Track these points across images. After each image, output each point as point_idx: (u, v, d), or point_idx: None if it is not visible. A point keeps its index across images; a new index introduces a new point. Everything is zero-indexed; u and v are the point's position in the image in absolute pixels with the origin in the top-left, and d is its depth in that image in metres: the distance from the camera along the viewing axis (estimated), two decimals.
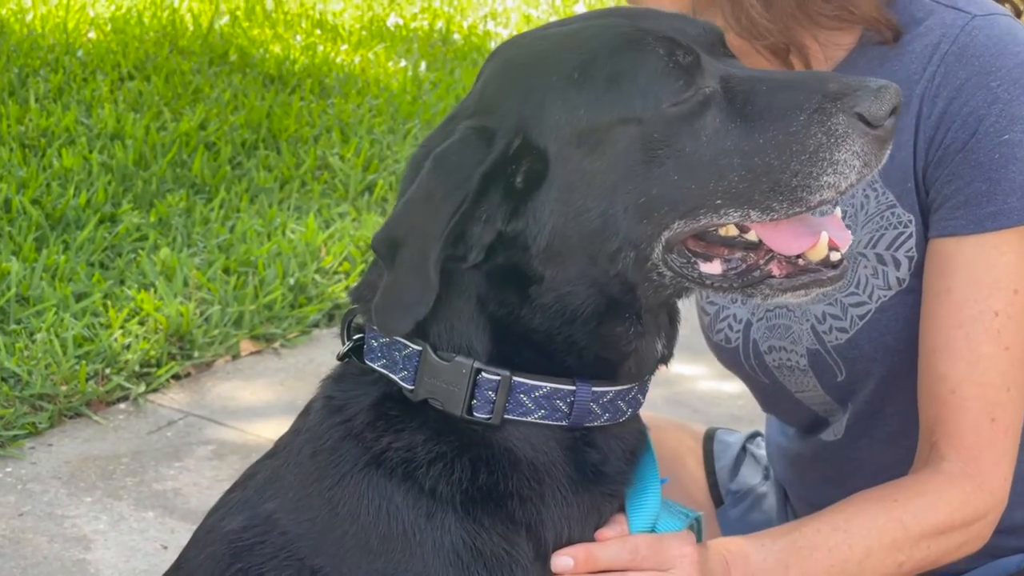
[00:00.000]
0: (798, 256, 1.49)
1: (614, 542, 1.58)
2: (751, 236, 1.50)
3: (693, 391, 4.42)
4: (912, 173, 1.91)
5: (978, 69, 1.85)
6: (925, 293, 1.89)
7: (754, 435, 2.55)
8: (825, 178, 1.43)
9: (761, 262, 1.50)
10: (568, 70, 1.47)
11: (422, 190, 1.45)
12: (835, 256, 1.50)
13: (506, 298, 1.50)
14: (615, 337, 1.52)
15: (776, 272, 1.49)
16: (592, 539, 1.57)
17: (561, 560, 1.54)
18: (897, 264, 1.94)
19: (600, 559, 1.56)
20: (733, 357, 2.18)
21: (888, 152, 1.45)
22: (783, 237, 1.49)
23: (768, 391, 2.20)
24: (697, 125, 1.45)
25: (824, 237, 1.48)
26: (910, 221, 1.92)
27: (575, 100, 1.46)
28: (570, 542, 1.55)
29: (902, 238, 1.93)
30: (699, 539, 1.70)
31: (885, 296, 1.96)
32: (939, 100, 1.87)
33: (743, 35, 1.89)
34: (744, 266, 1.50)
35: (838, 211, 1.57)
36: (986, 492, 1.86)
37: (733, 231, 1.50)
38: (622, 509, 1.62)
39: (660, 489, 1.65)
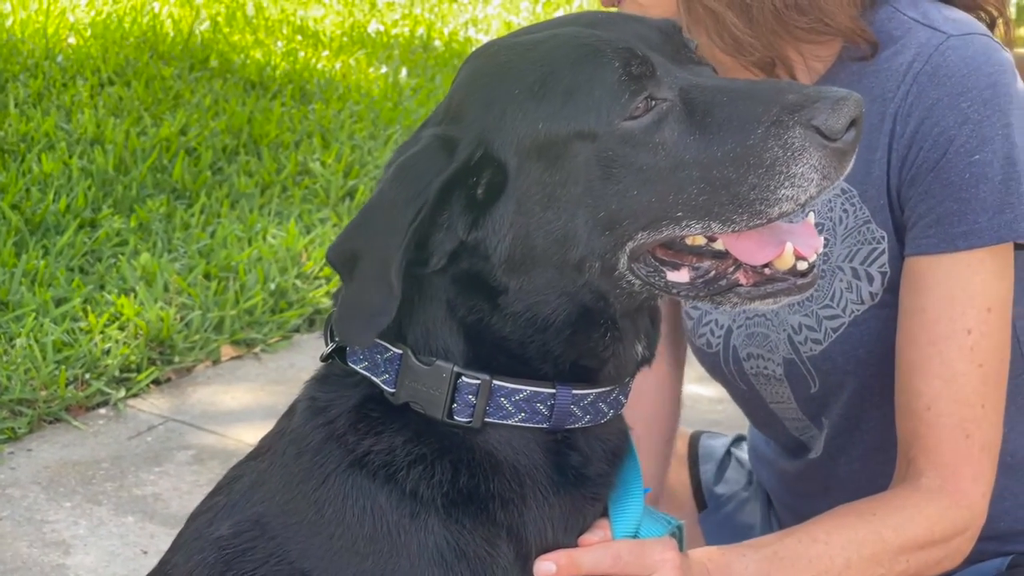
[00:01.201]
0: (765, 265, 1.49)
1: (596, 547, 1.58)
2: (718, 245, 1.50)
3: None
4: (886, 190, 1.92)
5: (949, 90, 1.86)
6: (901, 311, 1.90)
7: (739, 439, 2.56)
8: (783, 191, 1.41)
9: (728, 271, 1.50)
10: (529, 83, 1.47)
11: (383, 198, 1.45)
12: (802, 265, 1.49)
13: (475, 305, 1.50)
14: (591, 344, 1.52)
15: (743, 281, 1.49)
16: (575, 542, 1.58)
17: (543, 566, 1.54)
18: (871, 279, 1.96)
19: (582, 564, 1.56)
20: (714, 362, 2.20)
21: (850, 164, 1.45)
22: (748, 247, 1.48)
23: (745, 399, 2.22)
24: (653, 139, 1.44)
25: (789, 247, 1.48)
26: (883, 237, 1.93)
27: (534, 113, 1.46)
28: (552, 544, 1.55)
29: (875, 254, 1.95)
30: (680, 547, 1.70)
31: (858, 310, 1.98)
32: (911, 119, 1.88)
33: (729, 52, 1.90)
34: (712, 274, 1.50)
35: (811, 217, 1.56)
36: (964, 508, 1.87)
37: (701, 240, 1.50)
38: (605, 513, 1.62)
39: (643, 494, 1.65)
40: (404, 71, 7.87)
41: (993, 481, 1.91)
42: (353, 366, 1.56)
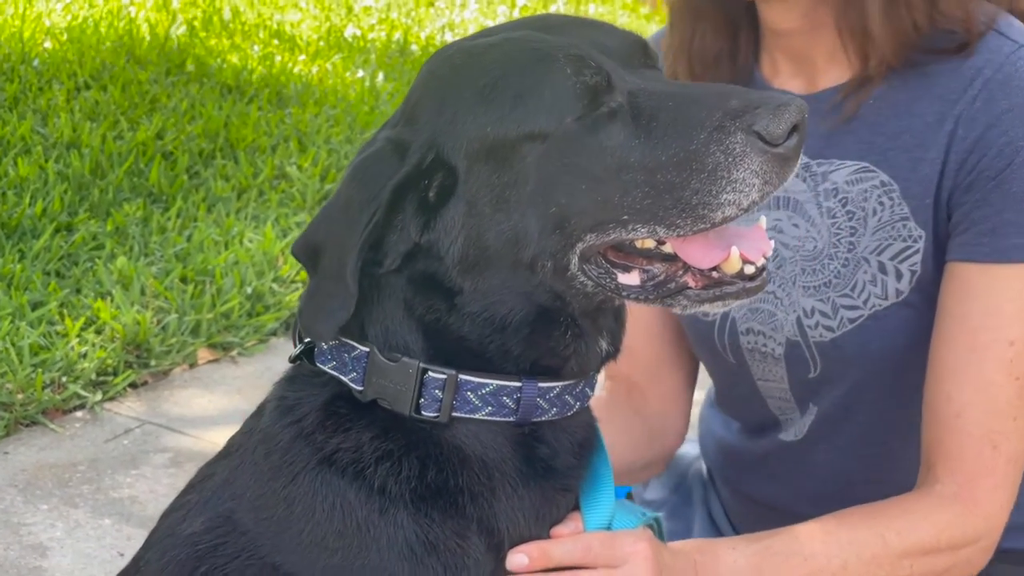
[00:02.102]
0: (713, 268, 1.49)
1: (567, 539, 1.59)
2: (668, 248, 1.51)
3: None
4: (935, 190, 1.92)
5: (1020, 100, 1.86)
6: (940, 314, 1.90)
7: None
8: (725, 196, 1.42)
9: (677, 274, 1.51)
10: (479, 86, 1.49)
11: (341, 198, 1.49)
12: (750, 269, 1.50)
13: (433, 304, 1.52)
14: (551, 342, 1.54)
15: (692, 284, 1.50)
16: (548, 533, 1.59)
17: (516, 558, 1.56)
18: (899, 276, 1.96)
19: (553, 556, 1.57)
20: (706, 332, 2.18)
21: (794, 170, 1.45)
22: (695, 251, 1.49)
23: (729, 372, 2.20)
24: (600, 141, 1.45)
25: (735, 251, 1.48)
26: (920, 236, 1.93)
27: (483, 117, 1.47)
28: (525, 534, 1.57)
29: (909, 252, 1.95)
30: (661, 539, 1.72)
31: (880, 305, 1.98)
32: (977, 124, 1.87)
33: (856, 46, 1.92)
34: (661, 278, 1.51)
35: (762, 220, 1.57)
36: (979, 517, 1.86)
37: (650, 243, 1.51)
38: (577, 505, 1.64)
39: (613, 486, 1.67)
40: (381, 75, 7.89)
41: (1015, 495, 1.90)
42: (321, 366, 1.58)
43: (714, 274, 1.50)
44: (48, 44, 7.24)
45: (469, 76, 1.51)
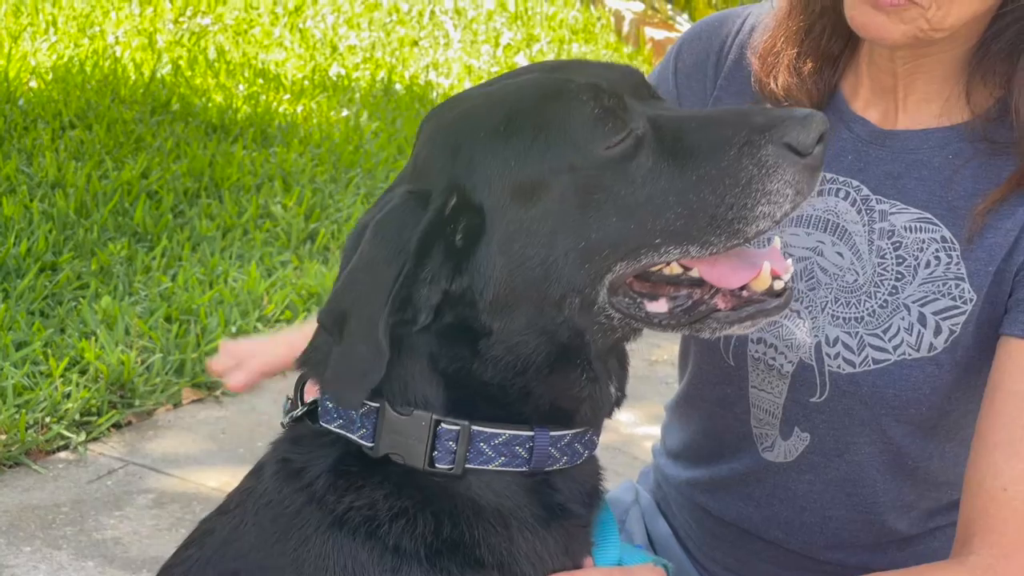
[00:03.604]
0: (742, 288, 1.51)
1: (592, 571, 1.60)
2: (695, 273, 1.53)
3: (632, 437, 4.47)
4: (1000, 260, 1.93)
5: None
6: (993, 388, 1.89)
7: None
8: (760, 208, 1.45)
9: (707, 297, 1.52)
10: (494, 125, 1.49)
11: (364, 259, 1.46)
12: (778, 284, 1.52)
13: (457, 354, 1.51)
14: (568, 384, 1.53)
15: (722, 305, 1.52)
16: (579, 566, 1.59)
17: None
18: (937, 331, 1.96)
19: None
20: None
21: (819, 179, 1.48)
22: (722, 272, 1.51)
23: (720, 372, 2.18)
24: (631, 167, 1.47)
25: (766, 267, 1.51)
26: (971, 300, 1.94)
27: (504, 153, 1.48)
28: (553, 570, 1.56)
29: (955, 312, 1.96)
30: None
31: (910, 355, 1.98)
32: None
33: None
34: (690, 302, 1.52)
35: (777, 242, 1.59)
36: None
37: (677, 269, 1.52)
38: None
39: (618, 532, 1.69)
40: (365, 115, 7.91)
41: None
42: (327, 425, 1.56)
43: (744, 293, 1.52)
44: (33, 83, 7.25)
45: (480, 117, 1.51)
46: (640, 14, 12.26)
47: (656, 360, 5.23)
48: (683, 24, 11.99)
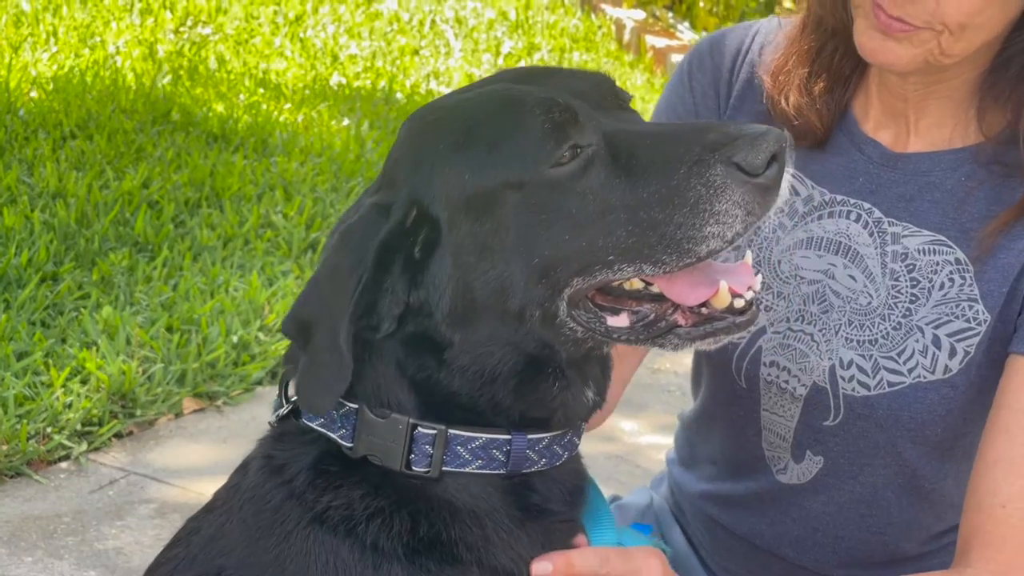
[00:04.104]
0: (702, 305, 1.50)
1: (588, 550, 1.60)
2: (655, 288, 1.52)
3: (636, 446, 4.46)
4: (1013, 279, 1.93)
5: None
6: (998, 405, 1.90)
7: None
8: (708, 228, 1.43)
9: (667, 313, 1.51)
10: (454, 137, 1.50)
11: (327, 268, 1.49)
12: (739, 303, 1.50)
13: (424, 363, 1.52)
14: (539, 393, 1.54)
15: (682, 322, 1.51)
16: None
17: (541, 565, 1.55)
18: (952, 353, 1.96)
19: (575, 564, 1.57)
20: (726, 351, 2.15)
21: (776, 200, 1.45)
22: (682, 289, 1.50)
23: (732, 394, 2.17)
24: (580, 185, 1.46)
25: (723, 285, 1.49)
26: (985, 321, 1.94)
27: (460, 166, 1.48)
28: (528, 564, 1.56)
29: (970, 333, 1.96)
30: None
31: (925, 377, 1.98)
32: None
33: None
34: (651, 317, 1.51)
35: (748, 255, 1.58)
36: None
37: (638, 284, 1.51)
38: (582, 531, 1.65)
39: (611, 513, 1.69)
40: (366, 124, 7.90)
41: None
42: (309, 423, 1.58)
43: (703, 310, 1.50)
44: (34, 94, 7.25)
45: (444, 129, 1.52)
46: (641, 23, 12.25)
47: (659, 368, 5.22)
48: (684, 32, 11.98)
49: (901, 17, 1.81)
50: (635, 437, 4.47)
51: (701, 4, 12.35)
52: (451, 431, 1.53)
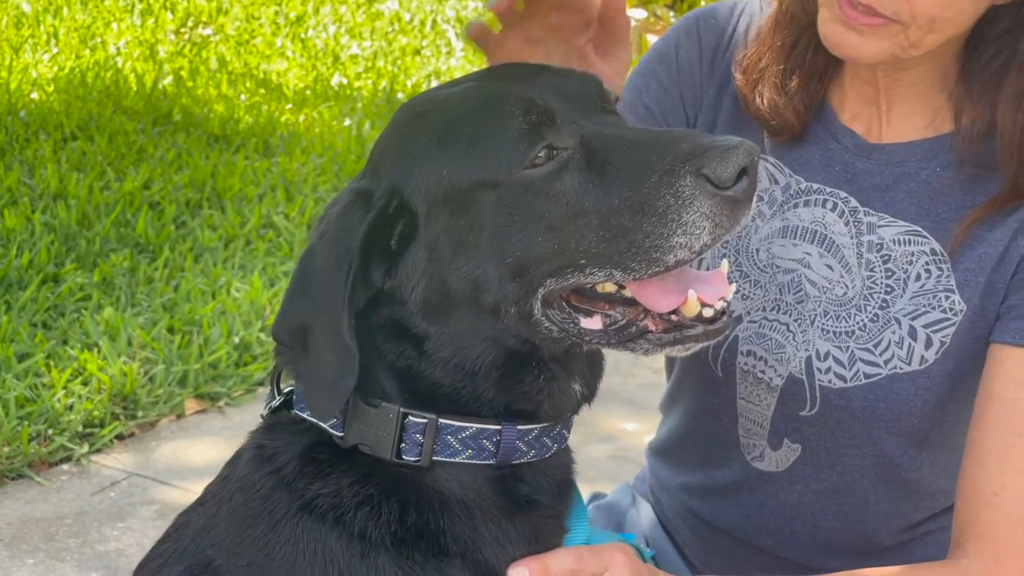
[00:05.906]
0: (673, 312, 1.50)
1: (562, 551, 1.60)
2: (628, 292, 1.51)
3: (638, 446, 4.45)
4: (990, 270, 1.93)
5: None
6: (986, 395, 1.90)
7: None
8: (676, 239, 1.42)
9: (638, 318, 1.51)
10: (436, 132, 1.50)
11: (315, 262, 1.49)
12: (708, 312, 1.50)
13: (403, 351, 1.53)
14: (524, 387, 1.54)
15: (652, 328, 1.50)
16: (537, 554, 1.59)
17: (516, 571, 1.55)
18: (928, 344, 1.96)
19: (551, 567, 1.57)
20: None
21: (746, 214, 1.45)
22: (653, 295, 1.50)
23: (707, 382, 2.17)
24: (553, 187, 1.46)
25: (692, 295, 1.49)
26: (962, 311, 1.94)
27: (440, 162, 1.49)
28: (512, 559, 1.57)
29: (945, 324, 1.95)
30: (642, 557, 1.73)
31: (901, 369, 1.98)
32: None
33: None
34: (623, 322, 1.51)
35: (724, 264, 1.57)
36: None
37: (611, 287, 1.51)
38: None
39: (588, 518, 1.70)
40: (368, 124, 7.90)
41: None
42: (300, 413, 1.58)
43: (673, 317, 1.50)
44: (35, 95, 7.25)
45: (428, 123, 1.53)
46: (642, 21, 12.25)
47: (661, 368, 5.21)
48: None
49: (871, 6, 1.81)
50: (638, 437, 4.46)
51: (702, 3, 12.36)
52: (441, 420, 1.53)
